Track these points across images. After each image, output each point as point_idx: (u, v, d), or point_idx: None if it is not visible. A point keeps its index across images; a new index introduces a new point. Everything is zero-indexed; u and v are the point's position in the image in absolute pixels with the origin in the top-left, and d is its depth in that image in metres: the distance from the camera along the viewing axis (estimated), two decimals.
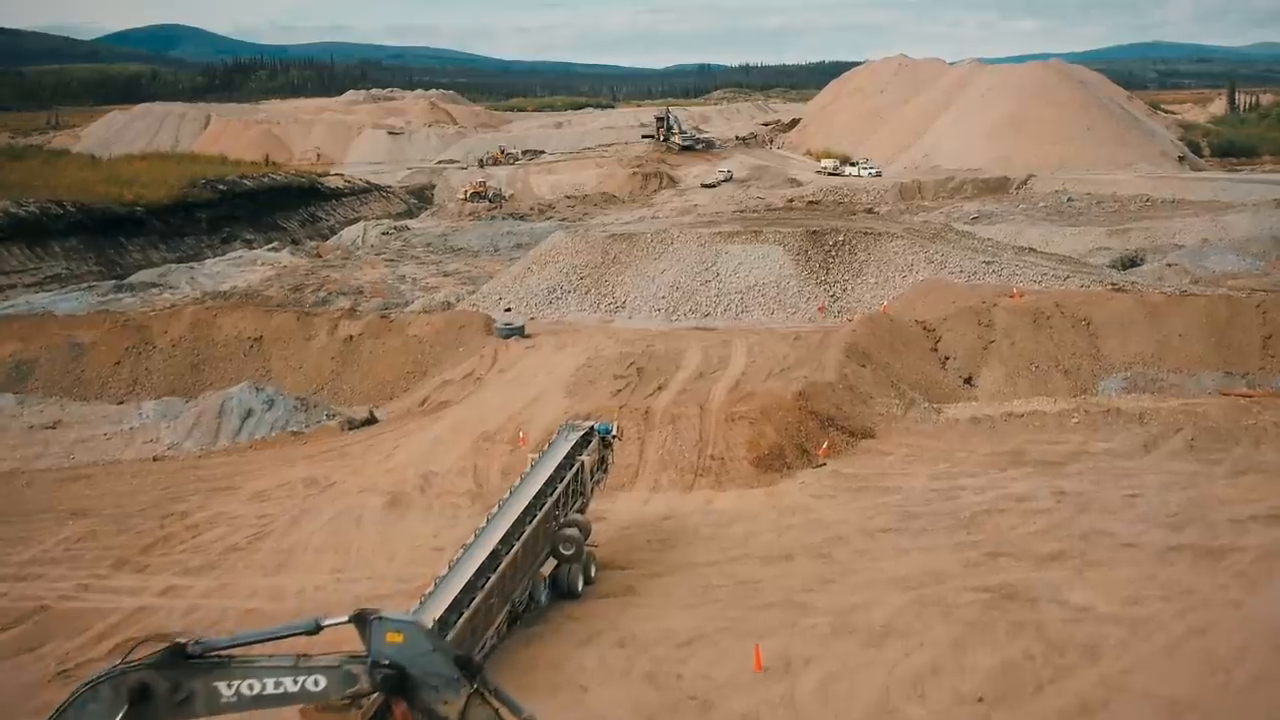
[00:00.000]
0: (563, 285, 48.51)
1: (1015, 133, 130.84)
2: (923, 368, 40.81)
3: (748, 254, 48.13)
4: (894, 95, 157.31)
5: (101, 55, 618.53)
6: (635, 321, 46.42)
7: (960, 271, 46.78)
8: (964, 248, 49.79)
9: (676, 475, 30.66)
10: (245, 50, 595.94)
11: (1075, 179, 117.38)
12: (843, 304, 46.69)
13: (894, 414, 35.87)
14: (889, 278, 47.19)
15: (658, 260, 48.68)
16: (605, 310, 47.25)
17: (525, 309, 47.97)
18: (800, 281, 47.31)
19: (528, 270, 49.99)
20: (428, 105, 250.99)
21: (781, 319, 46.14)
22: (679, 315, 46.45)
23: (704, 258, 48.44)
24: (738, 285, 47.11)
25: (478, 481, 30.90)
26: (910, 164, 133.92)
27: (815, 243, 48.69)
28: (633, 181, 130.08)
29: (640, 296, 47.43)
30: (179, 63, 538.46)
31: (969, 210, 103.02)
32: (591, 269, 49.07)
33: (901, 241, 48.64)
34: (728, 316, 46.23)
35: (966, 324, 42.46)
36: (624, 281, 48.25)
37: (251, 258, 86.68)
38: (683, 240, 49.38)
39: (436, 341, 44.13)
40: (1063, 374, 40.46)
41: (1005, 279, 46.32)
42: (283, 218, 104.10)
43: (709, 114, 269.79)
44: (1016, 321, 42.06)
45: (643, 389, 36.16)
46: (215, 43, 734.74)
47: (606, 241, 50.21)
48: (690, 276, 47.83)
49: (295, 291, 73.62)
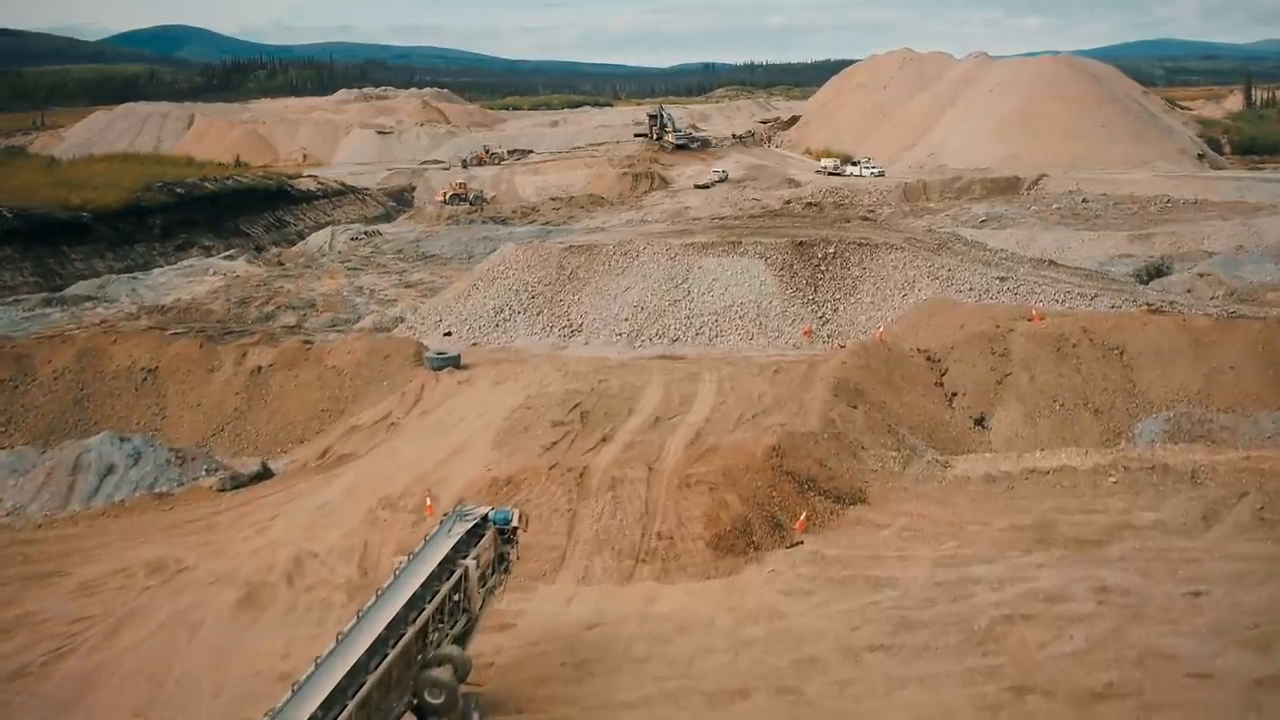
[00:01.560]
0: (511, 305, 42.07)
1: (1025, 130, 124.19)
2: (926, 407, 34.36)
3: (724, 269, 41.68)
4: (898, 91, 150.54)
5: (106, 56, 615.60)
6: (592, 348, 39.97)
7: (969, 289, 40.25)
8: (973, 260, 43.19)
9: (613, 560, 24.20)
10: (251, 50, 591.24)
11: (1090, 179, 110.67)
12: (833, 327, 40.18)
13: (890, 469, 29.40)
14: (887, 296, 40.68)
15: (620, 276, 42.23)
16: (559, 335, 40.81)
17: (468, 332, 41.58)
18: (784, 301, 40.80)
19: (473, 288, 43.50)
20: (420, 104, 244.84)
21: (761, 345, 39.65)
22: (643, 341, 39.98)
23: (674, 273, 41.98)
24: (712, 305, 40.68)
25: (363, 566, 24.49)
26: (915, 163, 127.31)
27: (802, 256, 42.20)
28: (622, 182, 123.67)
29: (599, 318, 40.99)
30: (183, 63, 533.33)
31: (977, 213, 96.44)
32: (545, 286, 42.61)
33: (901, 253, 42.08)
34: (699, 342, 39.75)
35: (977, 353, 36.01)
36: (581, 301, 41.78)
37: (204, 267, 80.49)
38: (649, 253, 42.90)
39: (357, 374, 37.77)
40: (1092, 414, 34.01)
41: (1022, 298, 39.78)
42: (246, 223, 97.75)
43: (709, 112, 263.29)
44: (1037, 350, 35.60)
45: (584, 440, 29.75)
46: (220, 43, 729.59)
47: (563, 254, 43.71)
48: (657, 295, 41.37)
49: (241, 305, 67.43)
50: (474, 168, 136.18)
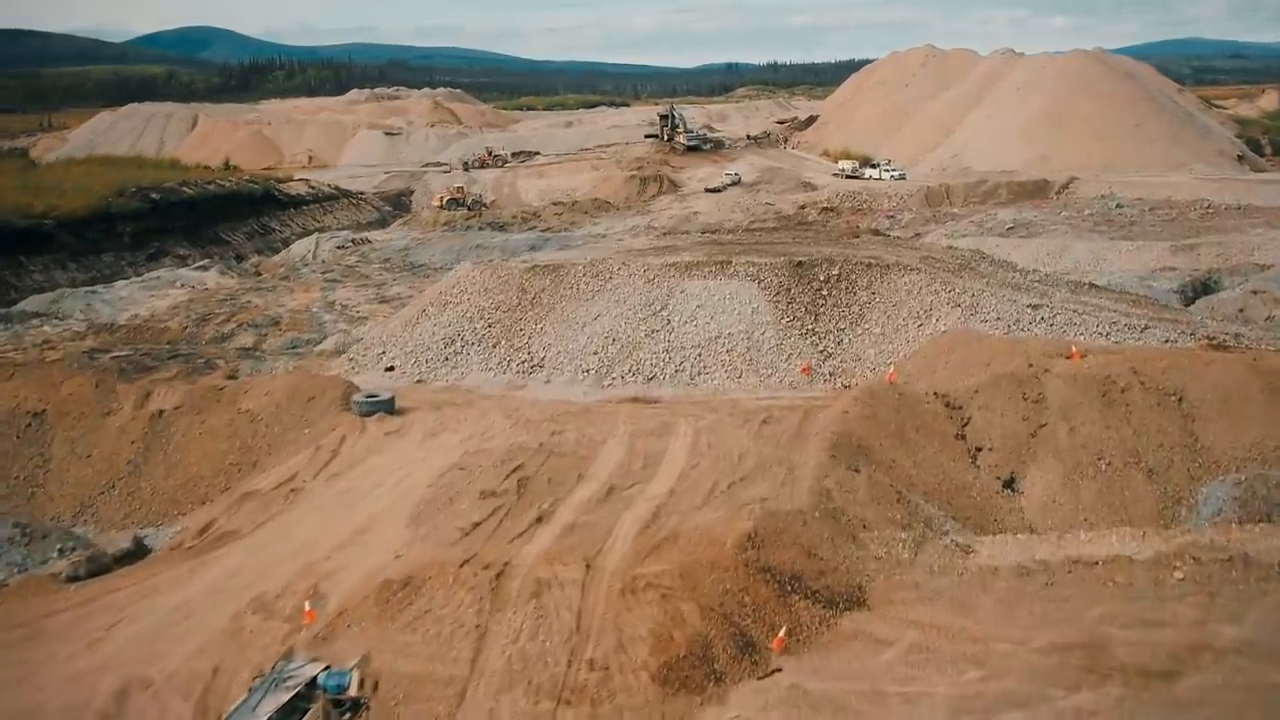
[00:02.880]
0: (464, 335, 36.27)
1: (1055, 130, 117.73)
2: (944, 465, 28.40)
3: (710, 293, 35.79)
4: (920, 89, 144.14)
5: (130, 57, 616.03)
6: (554, 387, 34.13)
7: (997, 319, 34.23)
8: (1001, 284, 37.07)
9: (528, 703, 18.35)
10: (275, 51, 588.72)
11: (1124, 182, 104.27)
12: (836, 363, 34.22)
13: (898, 556, 23.46)
14: (899, 327, 34.67)
15: (590, 302, 36.38)
16: (517, 370, 34.98)
17: (414, 367, 35.81)
18: (779, 332, 34.86)
19: (422, 314, 37.71)
20: (431, 105, 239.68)
21: (752, 384, 33.70)
22: (613, 379, 34.11)
23: (652, 299, 36.10)
24: (695, 337, 34.79)
25: (204, 704, 18.70)
26: (937, 165, 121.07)
27: (801, 278, 36.25)
28: (629, 186, 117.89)
29: (564, 352, 35.13)
30: (206, 65, 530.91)
31: (1003, 219, 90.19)
32: (504, 313, 36.78)
33: (916, 276, 36.03)
34: (678, 381, 33.85)
35: (1006, 399, 29.99)
36: (544, 331, 35.94)
37: (171, 279, 75.17)
38: (625, 274, 37.01)
39: (275, 420, 32.05)
40: (1145, 475, 27.96)
41: (1059, 330, 33.73)
42: (227, 230, 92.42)
43: (727, 112, 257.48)
44: (1077, 396, 29.54)
45: (516, 518, 23.92)
46: (244, 44, 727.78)
47: (525, 276, 37.84)
48: (632, 325, 35.49)
49: (200, 323, 62.10)
50: (476, 170, 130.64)
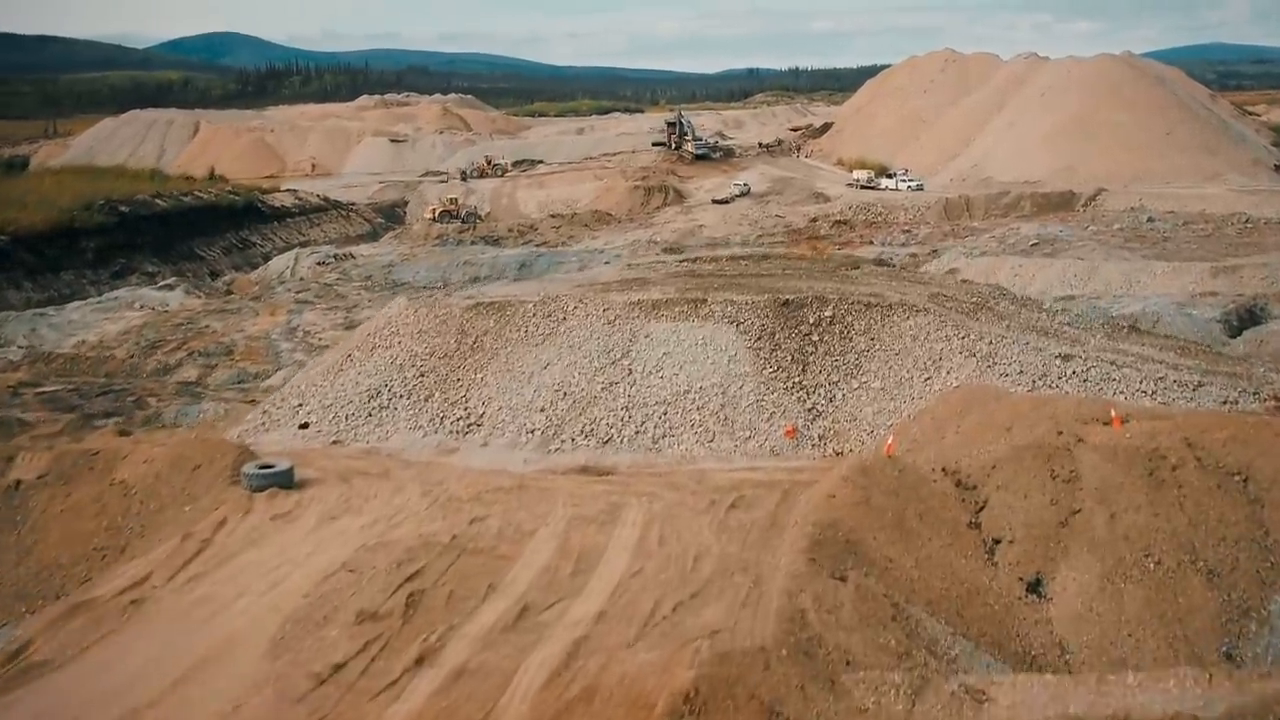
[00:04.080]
0: (393, 386, 30.90)
1: (1081, 138, 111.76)
2: (952, 563, 22.85)
3: (681, 338, 30.32)
4: (939, 95, 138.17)
5: (153, 63, 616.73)
6: (491, 452, 28.70)
7: (1020, 372, 28.59)
8: (1025, 328, 31.35)
9: None
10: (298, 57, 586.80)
11: (1154, 193, 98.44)
12: (827, 424, 28.68)
13: (890, 709, 17.84)
14: (902, 381, 29.07)
15: (540, 347, 30.92)
16: (450, 430, 29.56)
17: (332, 424, 30.46)
18: (760, 385, 29.33)
19: (348, 359, 32.32)
20: (439, 111, 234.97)
21: (725, 450, 28.19)
22: (562, 442, 28.67)
23: (612, 344, 30.62)
24: (660, 391, 29.32)
25: None
26: (957, 175, 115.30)
27: (787, 320, 30.68)
28: (633, 197, 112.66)
29: (507, 407, 29.71)
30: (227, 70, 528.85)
31: (1027, 234, 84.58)
32: (440, 360, 31.33)
33: (924, 318, 30.39)
34: (639, 445, 28.37)
35: (1031, 477, 24.38)
36: (485, 382, 30.49)
37: (130, 299, 70.28)
38: (582, 314, 31.51)
39: (153, 495, 26.73)
40: (1204, 579, 22.29)
41: (1094, 386, 28.08)
42: (203, 244, 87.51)
43: (743, 118, 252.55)
44: (1118, 474, 23.86)
45: (391, 658, 18.48)
46: (267, 50, 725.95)
47: (467, 316, 32.34)
48: (587, 375, 30.02)
49: (149, 351, 57.30)
50: (474, 180, 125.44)
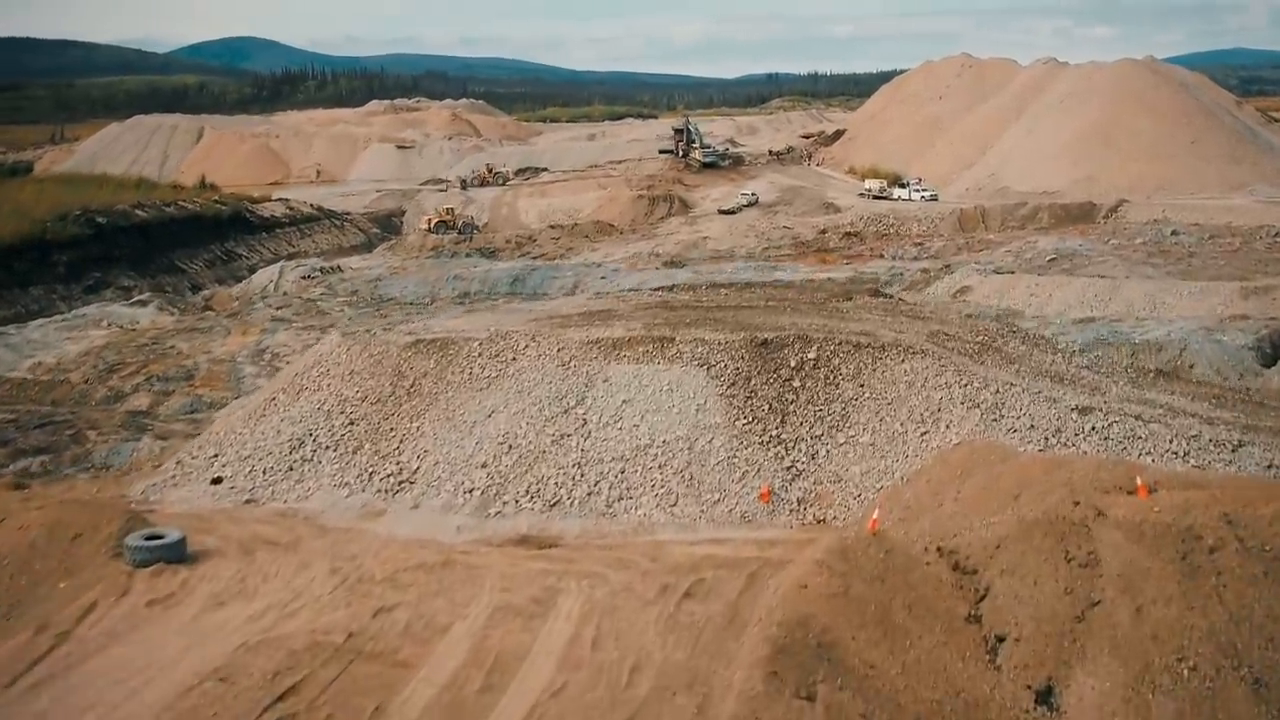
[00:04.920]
0: (318, 436, 27.25)
1: (1102, 147, 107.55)
2: (947, 667, 19.11)
3: (643, 383, 26.56)
4: (955, 102, 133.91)
5: (173, 67, 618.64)
6: (422, 516, 25.01)
7: (1030, 427, 24.67)
8: (1036, 373, 27.38)
9: None
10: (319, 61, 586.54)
11: (1178, 205, 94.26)
12: (807, 485, 24.82)
13: None
14: (895, 435, 25.20)
15: (485, 391, 27.19)
16: (379, 488, 25.88)
17: (248, 478, 26.83)
18: (732, 440, 25.52)
19: (271, 404, 28.70)
20: (449, 116, 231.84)
21: (689, 515, 24.40)
22: (503, 505, 24.94)
23: (565, 389, 26.88)
24: (618, 445, 25.55)
25: None
26: (973, 185, 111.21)
27: (765, 363, 26.84)
28: (636, 206, 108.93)
29: (444, 462, 26.01)
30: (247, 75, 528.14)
31: (1044, 248, 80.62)
32: (372, 406, 27.66)
33: (922, 362, 26.49)
34: (590, 510, 24.61)
35: (1042, 560, 20.55)
36: (421, 432, 26.80)
37: (98, 317, 66.87)
38: (534, 354, 27.77)
39: (25, 568, 23.13)
40: (1249, 689, 18.48)
41: (1117, 445, 24.15)
42: (185, 257, 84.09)
43: (757, 124, 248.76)
44: (1146, 558, 20.00)
45: None
46: (288, 54, 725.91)
47: (405, 355, 28.62)
48: (536, 426, 26.30)
49: (106, 374, 53.97)
50: (475, 189, 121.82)
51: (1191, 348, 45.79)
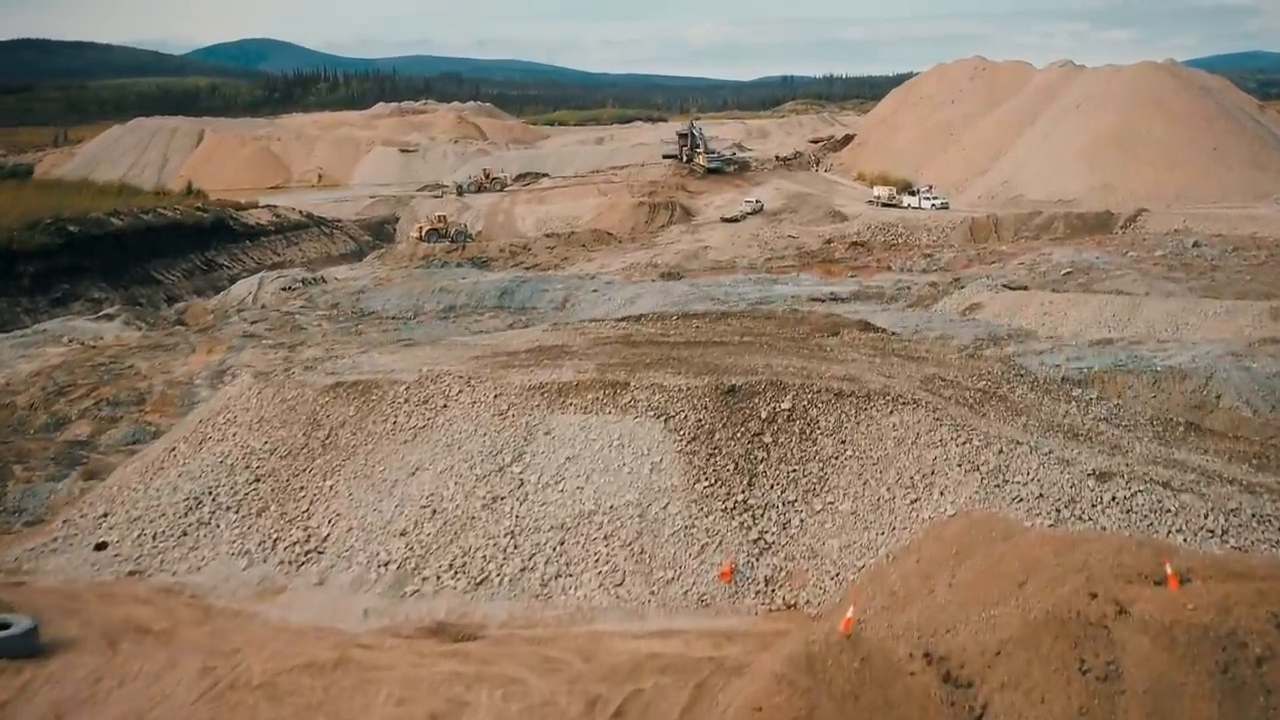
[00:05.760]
0: (219, 495, 23.67)
1: (1120, 153, 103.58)
2: None
3: (591, 437, 22.87)
4: (968, 106, 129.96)
5: (189, 69, 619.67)
6: (326, 595, 21.37)
7: (1039, 496, 20.80)
8: (1047, 427, 23.47)
9: None
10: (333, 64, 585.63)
11: (1199, 214, 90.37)
12: (777, 562, 21.04)
13: None
14: (881, 503, 21.40)
15: (410, 445, 23.54)
16: (282, 559, 22.25)
17: (136, 543, 23.23)
18: (692, 505, 21.82)
19: (170, 455, 25.15)
20: (455, 119, 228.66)
21: (637, 598, 20.73)
22: (422, 582, 21.26)
23: (500, 444, 23.19)
24: (559, 512, 21.90)
25: None
26: (985, 193, 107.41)
27: (733, 414, 23.06)
28: (636, 214, 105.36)
29: (359, 528, 22.40)
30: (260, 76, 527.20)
31: (1059, 260, 76.78)
32: (281, 460, 23.99)
33: (914, 414, 22.64)
34: (522, 589, 20.96)
35: (1050, 670, 16.82)
36: (335, 493, 23.19)
37: (60, 332, 63.43)
38: (467, 401, 24.07)
39: None
40: None
41: (1142, 519, 20.29)
42: (162, 267, 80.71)
43: (768, 128, 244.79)
44: (1176, 670, 16.23)
45: None
46: (304, 56, 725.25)
47: (323, 401, 24.94)
48: (466, 487, 22.64)
49: (55, 397, 50.42)
50: (471, 195, 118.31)
51: (1219, 376, 41.95)
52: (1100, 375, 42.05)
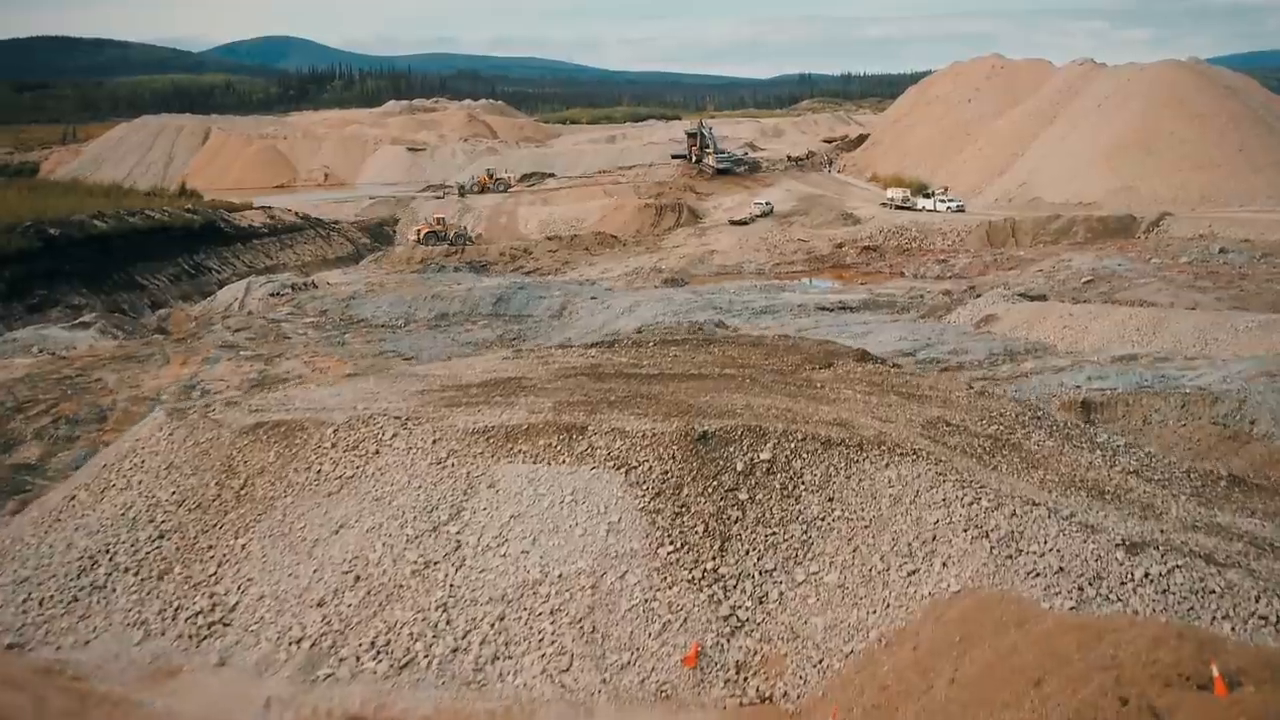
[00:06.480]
0: (118, 554, 20.68)
1: (1143, 154, 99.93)
2: None
3: (540, 491, 19.82)
4: (985, 105, 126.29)
5: (208, 66, 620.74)
6: (228, 677, 18.38)
7: (1058, 570, 17.51)
8: (1068, 485, 20.19)
9: None
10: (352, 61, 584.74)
11: (1226, 218, 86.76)
12: (751, 644, 17.87)
13: None
14: (873, 575, 18.15)
15: (335, 498, 20.53)
16: (181, 633, 19.24)
17: (19, 611, 20.19)
18: (653, 574, 18.68)
19: (69, 504, 22.18)
20: (465, 117, 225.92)
21: (587, 687, 17.65)
22: (338, 663, 18.28)
23: (438, 498, 20.14)
24: (499, 582, 18.83)
25: None
26: (1002, 195, 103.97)
27: (704, 466, 19.88)
28: (642, 216, 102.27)
29: (272, 596, 19.40)
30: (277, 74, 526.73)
31: (1079, 267, 73.45)
32: (190, 513, 20.98)
33: (912, 468, 19.41)
34: (452, 676, 17.88)
35: None
36: (248, 553, 20.17)
37: (30, 341, 60.71)
38: (402, 446, 20.99)
39: None
40: None
41: (1179, 601, 16.98)
42: (147, 271, 77.95)
43: (783, 126, 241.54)
44: None
45: None
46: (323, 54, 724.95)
47: (240, 444, 21.90)
48: (395, 549, 19.61)
49: (14, 413, 47.68)
50: (474, 196, 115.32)
51: (1253, 400, 38.58)
52: (1124, 398, 38.86)
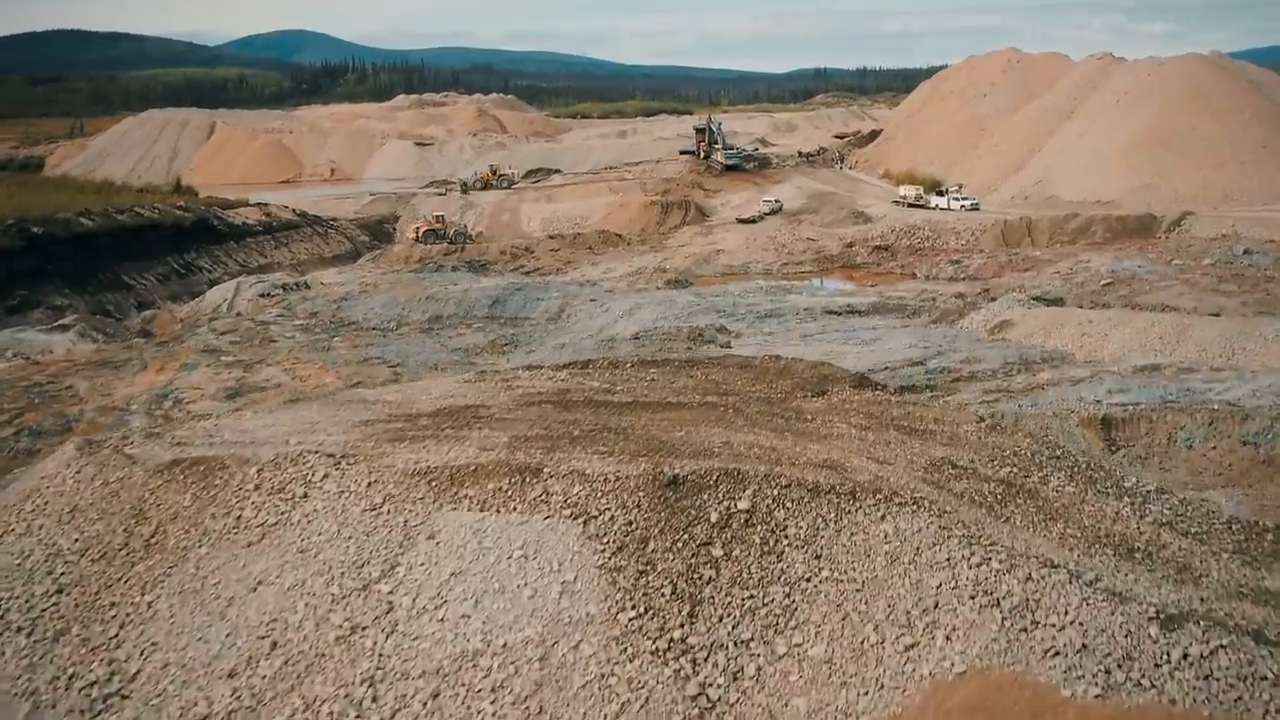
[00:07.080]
0: (11, 612, 18.08)
1: (1163, 151, 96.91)
2: None
3: (485, 545, 17.26)
4: (1000, 100, 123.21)
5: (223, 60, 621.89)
6: None
7: (1080, 648, 14.96)
8: (1092, 542, 17.55)
9: None
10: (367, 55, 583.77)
11: (1250, 218, 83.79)
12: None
13: None
14: (864, 648, 15.63)
15: (254, 549, 18.04)
16: (73, 709, 16.57)
17: None
18: (611, 645, 16.18)
19: None
20: (474, 112, 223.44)
21: None
22: None
23: (369, 551, 17.63)
24: (435, 651, 16.32)
25: None
26: (1018, 193, 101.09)
27: (674, 517, 17.27)
28: (647, 214, 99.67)
29: (178, 666, 16.97)
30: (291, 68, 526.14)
31: (1098, 269, 70.77)
32: (95, 564, 18.46)
33: (912, 520, 16.83)
34: None
35: None
36: (154, 612, 17.69)
37: (3, 344, 58.65)
38: (333, 489, 18.49)
39: None
40: None
41: (1223, 689, 14.39)
42: (135, 271, 75.69)
43: (796, 121, 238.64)
44: None
45: None
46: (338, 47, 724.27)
47: (153, 485, 19.36)
48: (319, 611, 17.15)
49: None
50: (476, 193, 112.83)
51: None
52: (1147, 414, 36.21)
